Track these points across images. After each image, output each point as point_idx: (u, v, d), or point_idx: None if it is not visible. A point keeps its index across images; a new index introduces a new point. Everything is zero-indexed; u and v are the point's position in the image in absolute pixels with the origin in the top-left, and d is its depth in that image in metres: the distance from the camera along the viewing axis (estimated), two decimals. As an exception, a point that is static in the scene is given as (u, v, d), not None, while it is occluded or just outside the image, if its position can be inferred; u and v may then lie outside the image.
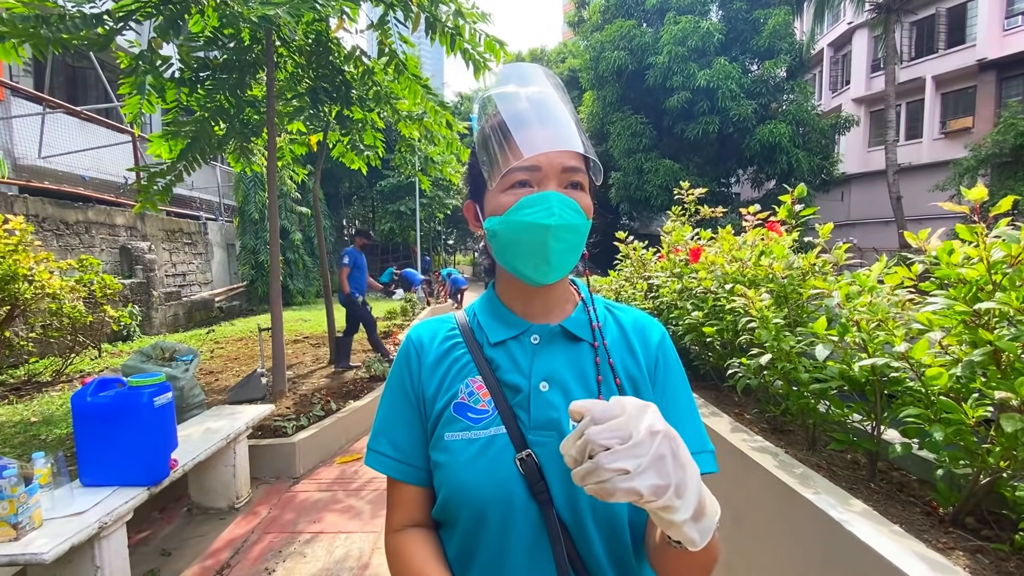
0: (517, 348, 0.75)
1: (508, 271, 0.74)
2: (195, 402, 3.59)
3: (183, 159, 4.85)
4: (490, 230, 0.71)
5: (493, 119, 0.71)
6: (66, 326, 5.10)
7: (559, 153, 0.68)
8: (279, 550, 2.77)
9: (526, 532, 0.65)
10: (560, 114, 0.70)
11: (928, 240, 1.40)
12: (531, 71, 0.75)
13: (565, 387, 0.71)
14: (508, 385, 0.72)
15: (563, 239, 0.67)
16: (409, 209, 19.99)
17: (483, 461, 0.67)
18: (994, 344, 1.14)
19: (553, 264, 0.68)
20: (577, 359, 0.74)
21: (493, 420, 0.70)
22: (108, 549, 2.07)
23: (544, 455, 0.67)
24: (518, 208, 0.67)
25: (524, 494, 0.66)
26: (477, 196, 0.77)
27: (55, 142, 8.09)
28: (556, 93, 0.72)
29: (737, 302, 1.99)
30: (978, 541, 1.26)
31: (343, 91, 5.13)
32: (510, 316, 0.77)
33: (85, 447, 2.23)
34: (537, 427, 0.69)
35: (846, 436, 1.60)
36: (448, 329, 0.80)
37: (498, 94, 0.72)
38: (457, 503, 0.68)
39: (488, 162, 0.71)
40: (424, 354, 0.78)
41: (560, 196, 0.67)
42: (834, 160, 17.85)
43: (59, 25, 3.57)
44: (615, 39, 17.29)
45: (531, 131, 0.67)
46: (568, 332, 0.75)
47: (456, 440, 0.70)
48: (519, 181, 0.68)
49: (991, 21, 16.50)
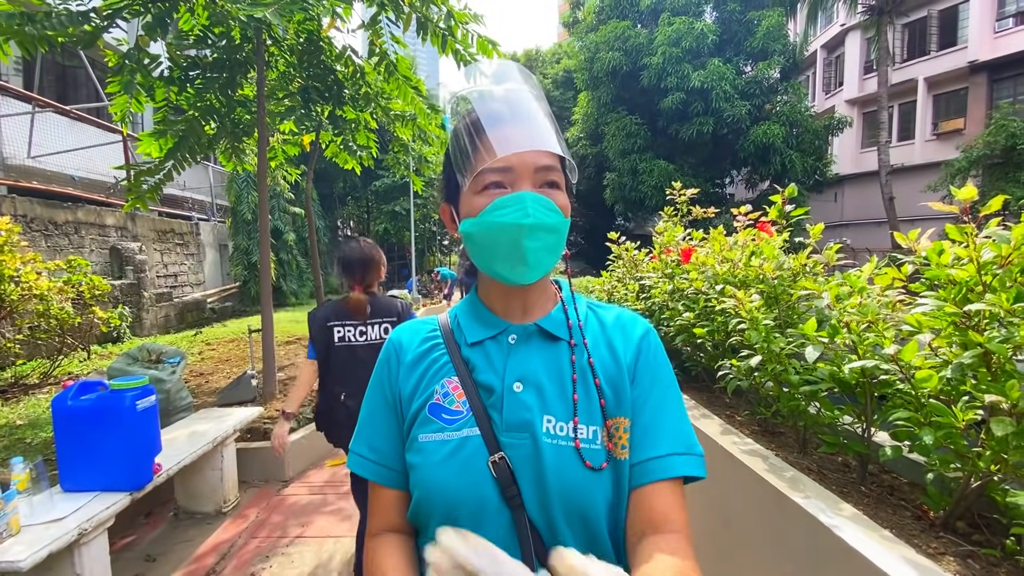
0: (494, 348, 0.73)
1: (486, 273, 0.72)
2: (182, 405, 3.54)
3: (171, 158, 4.80)
4: (465, 233, 0.70)
5: (465, 119, 0.69)
6: (54, 328, 5.03)
7: (532, 153, 0.66)
8: (266, 554, 2.73)
9: (498, 536, 0.63)
10: (533, 113, 0.68)
11: (918, 241, 1.38)
12: (505, 69, 0.74)
13: (539, 387, 0.70)
14: (483, 385, 0.71)
15: (539, 238, 0.66)
16: (404, 209, 19.94)
17: (455, 463, 0.66)
18: (984, 346, 1.12)
19: (530, 264, 0.67)
20: (554, 358, 0.72)
21: (467, 421, 0.68)
22: (88, 556, 2.03)
23: (516, 457, 0.65)
24: (492, 209, 0.66)
25: (496, 497, 0.64)
26: (452, 199, 0.75)
27: (45, 141, 8.00)
28: (530, 91, 0.71)
29: (727, 303, 1.97)
30: (969, 546, 1.25)
31: (335, 91, 5.08)
32: (489, 316, 0.75)
33: (66, 452, 2.19)
34: (509, 428, 0.67)
35: (836, 439, 1.58)
36: (429, 330, 0.79)
37: (470, 93, 0.70)
38: (429, 505, 0.67)
39: (461, 163, 0.69)
40: (403, 354, 0.77)
41: (534, 196, 0.66)
42: (828, 161, 17.92)
43: (45, 22, 3.52)
44: (610, 40, 17.30)
45: (503, 131, 0.66)
46: (545, 331, 0.73)
47: (430, 441, 0.69)
48: (493, 182, 0.67)
49: (982, 23, 16.62)
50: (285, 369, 5.91)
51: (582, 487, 0.64)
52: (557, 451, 0.65)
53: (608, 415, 0.69)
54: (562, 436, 0.66)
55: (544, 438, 0.66)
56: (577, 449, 0.65)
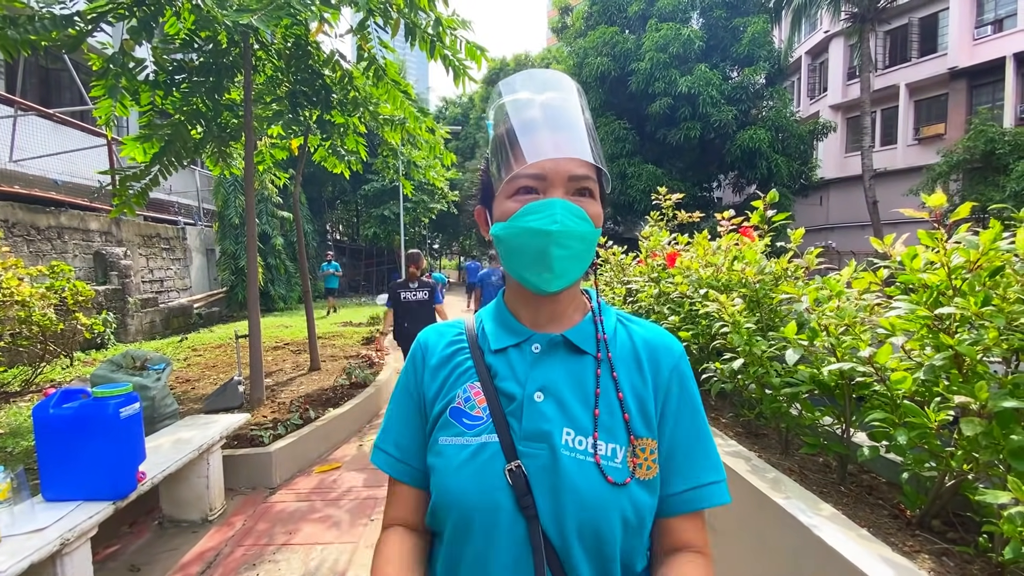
0: (517, 356, 0.73)
1: (514, 277, 0.73)
2: (167, 412, 3.50)
3: (157, 162, 4.75)
4: (496, 236, 0.71)
5: (503, 125, 0.70)
6: (36, 334, 4.95)
7: (566, 160, 0.67)
8: (253, 563, 2.70)
9: (510, 545, 0.64)
10: (571, 121, 0.69)
11: (893, 245, 1.42)
12: (550, 78, 0.74)
13: (560, 398, 0.69)
14: (504, 393, 0.71)
15: (566, 246, 0.66)
16: (393, 213, 19.85)
17: (472, 468, 0.66)
18: (955, 348, 1.16)
19: (556, 271, 0.67)
20: (578, 371, 0.72)
21: (486, 427, 0.69)
22: (71, 566, 2.00)
23: (533, 467, 0.65)
24: (522, 214, 0.67)
25: (511, 506, 0.64)
26: (487, 202, 0.76)
27: (27, 145, 7.88)
28: (572, 100, 0.71)
29: (711, 307, 2.00)
30: (944, 544, 1.28)
31: (323, 95, 5.08)
32: (515, 324, 0.76)
33: (47, 461, 2.15)
34: (527, 437, 0.67)
35: (817, 439, 1.61)
36: (455, 333, 0.80)
37: (511, 101, 0.71)
38: (445, 508, 0.67)
39: (496, 168, 0.71)
40: (429, 356, 0.79)
41: (564, 203, 0.66)
42: (813, 165, 18.19)
43: (28, 26, 3.48)
44: (598, 45, 17.43)
45: (538, 138, 0.67)
46: (570, 343, 0.73)
47: (449, 445, 0.70)
48: (525, 187, 0.67)
49: (961, 31, 16.99)
50: (273, 375, 5.86)
51: (598, 503, 0.64)
52: (575, 464, 0.65)
53: (633, 433, 0.68)
54: (581, 450, 0.66)
55: (562, 450, 0.66)
56: (597, 464, 0.65)
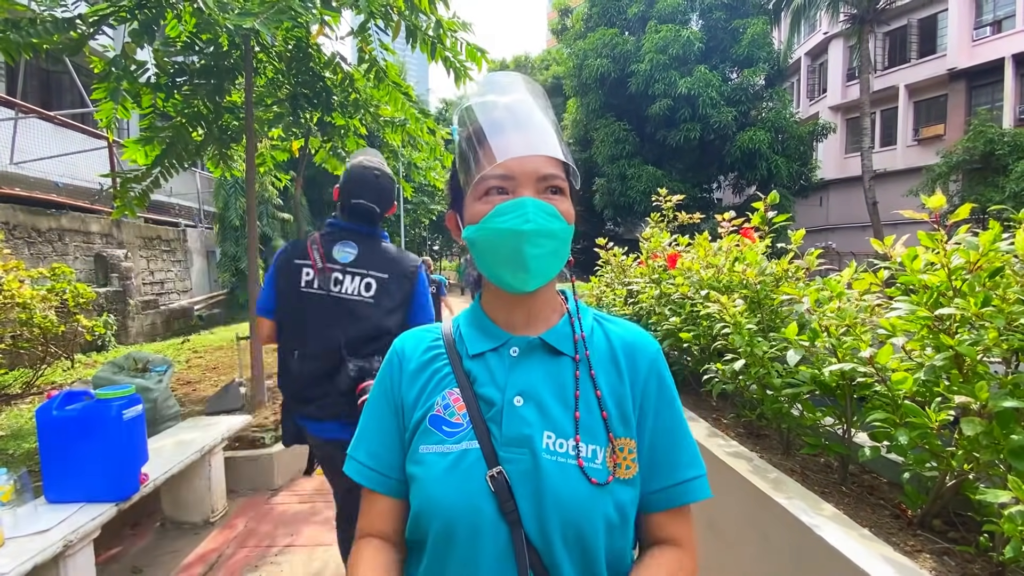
0: (496, 360, 0.73)
1: (490, 280, 0.73)
2: (169, 414, 3.51)
3: (159, 165, 4.76)
4: (468, 239, 0.71)
5: (469, 128, 0.70)
6: (37, 336, 4.95)
7: (534, 159, 0.67)
8: (255, 564, 2.71)
9: (494, 552, 0.63)
10: (535, 121, 0.69)
11: (893, 246, 1.42)
12: (510, 80, 0.75)
13: (541, 402, 0.69)
14: (483, 398, 0.70)
15: (540, 244, 0.66)
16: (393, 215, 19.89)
17: (454, 476, 0.66)
18: (955, 349, 1.16)
19: (532, 270, 0.67)
20: (557, 373, 0.72)
21: (466, 434, 0.68)
22: (74, 568, 2.01)
23: (514, 472, 0.65)
24: (493, 215, 0.66)
25: (493, 512, 0.64)
26: (458, 206, 0.75)
27: (28, 147, 7.89)
28: (534, 100, 0.71)
29: (712, 308, 2.01)
30: (945, 543, 1.28)
31: (324, 97, 5.09)
32: (491, 327, 0.75)
33: (50, 462, 2.16)
34: (508, 443, 0.67)
35: (818, 440, 1.62)
36: (432, 339, 0.79)
37: (475, 103, 0.71)
38: (427, 518, 0.66)
39: (465, 170, 0.70)
40: (406, 362, 0.77)
41: (535, 201, 0.66)
42: (812, 166, 18.24)
43: (30, 29, 3.49)
44: (598, 47, 17.48)
45: (504, 138, 0.67)
46: (548, 345, 0.73)
47: (430, 453, 0.69)
48: (495, 188, 0.67)
49: (960, 32, 17.04)
50: (274, 377, 5.85)
51: (581, 505, 0.64)
52: (556, 468, 0.65)
53: (612, 432, 0.68)
54: (562, 453, 0.66)
55: (544, 454, 0.65)
56: (580, 467, 0.65)
